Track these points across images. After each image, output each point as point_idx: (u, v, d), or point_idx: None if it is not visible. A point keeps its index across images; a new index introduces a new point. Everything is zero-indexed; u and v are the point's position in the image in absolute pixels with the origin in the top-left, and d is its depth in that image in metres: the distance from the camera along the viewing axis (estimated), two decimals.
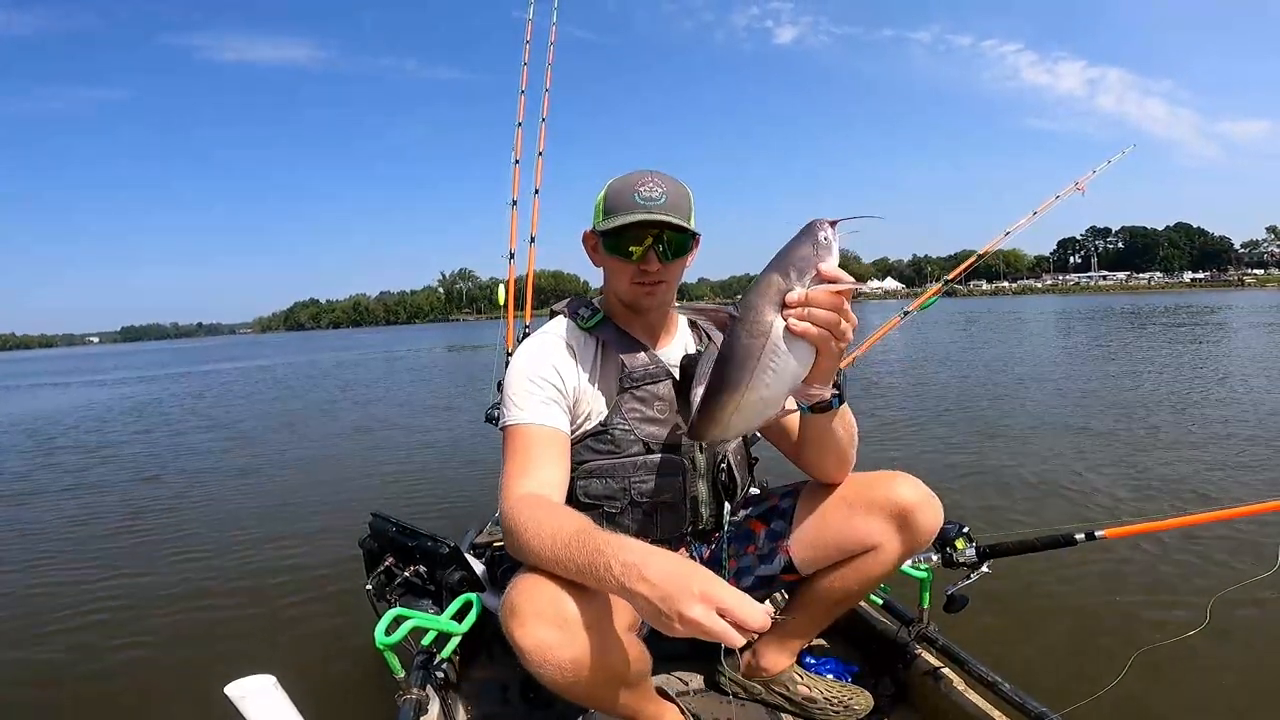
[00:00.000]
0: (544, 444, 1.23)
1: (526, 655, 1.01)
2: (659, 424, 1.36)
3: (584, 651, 1.01)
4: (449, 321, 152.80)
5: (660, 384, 1.37)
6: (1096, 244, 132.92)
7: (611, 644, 1.08)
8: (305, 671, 2.33)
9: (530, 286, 2.74)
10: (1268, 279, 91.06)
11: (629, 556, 0.92)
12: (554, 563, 1.01)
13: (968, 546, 1.63)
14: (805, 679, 1.52)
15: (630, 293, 1.34)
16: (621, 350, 1.36)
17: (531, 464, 1.21)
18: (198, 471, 6.35)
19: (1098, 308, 35.15)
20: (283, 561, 3.67)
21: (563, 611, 1.01)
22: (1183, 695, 2.02)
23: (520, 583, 1.06)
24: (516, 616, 1.02)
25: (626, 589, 0.91)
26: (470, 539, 2.30)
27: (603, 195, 1.32)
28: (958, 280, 3.10)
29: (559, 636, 1.00)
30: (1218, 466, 4.54)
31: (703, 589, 0.86)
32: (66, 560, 3.95)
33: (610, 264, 1.34)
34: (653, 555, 0.92)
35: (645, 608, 0.89)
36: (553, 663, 1.00)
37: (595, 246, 1.36)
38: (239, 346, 64.00)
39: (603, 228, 1.29)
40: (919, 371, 10.96)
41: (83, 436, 9.19)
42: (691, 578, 0.87)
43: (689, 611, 0.84)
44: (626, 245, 1.28)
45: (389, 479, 5.65)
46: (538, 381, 1.28)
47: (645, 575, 0.89)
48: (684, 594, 0.85)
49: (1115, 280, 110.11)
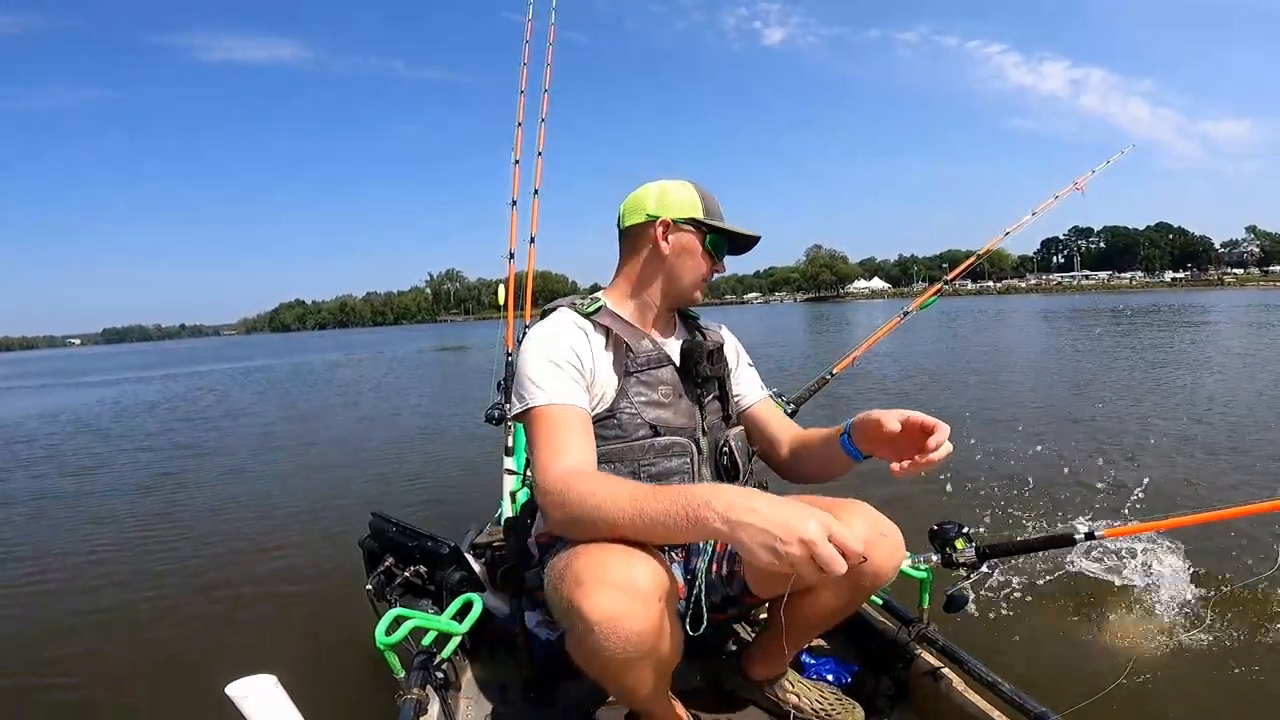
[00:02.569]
0: (573, 423, 1.22)
1: (595, 627, 0.97)
2: (664, 408, 1.36)
3: (654, 624, 1.00)
4: (437, 322, 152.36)
5: (664, 368, 1.38)
6: (1079, 244, 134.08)
7: (672, 621, 1.06)
8: (306, 671, 2.32)
9: (530, 286, 2.74)
10: (1247, 278, 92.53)
11: (726, 495, 0.94)
12: (637, 519, 1.00)
13: (967, 547, 1.63)
14: (796, 687, 1.50)
15: (696, 288, 1.43)
16: (627, 334, 1.37)
17: (565, 444, 1.18)
18: (197, 473, 6.32)
19: (1083, 307, 35.50)
20: (283, 562, 3.67)
21: (635, 581, 0.98)
22: (1183, 696, 2.03)
23: (580, 552, 1.03)
24: (584, 585, 0.98)
25: (733, 521, 0.91)
26: (470, 539, 2.29)
27: (695, 195, 1.40)
28: (942, 279, 3.13)
29: (632, 607, 0.97)
30: (1218, 466, 4.58)
31: (814, 514, 0.89)
32: (67, 561, 3.93)
33: (696, 259, 1.40)
34: (752, 491, 0.95)
35: (760, 538, 0.89)
36: (622, 634, 0.97)
37: (666, 235, 1.38)
38: (229, 348, 63.41)
39: (719, 225, 1.39)
40: (917, 368, 11.02)
41: (82, 438, 9.12)
42: (798, 505, 0.91)
43: (810, 534, 0.87)
44: (725, 248, 1.41)
45: (388, 479, 5.64)
46: (559, 363, 1.26)
47: (753, 507, 0.91)
48: (801, 518, 0.88)
49: (1098, 280, 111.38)
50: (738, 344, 1.60)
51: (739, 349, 1.60)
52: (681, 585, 1.40)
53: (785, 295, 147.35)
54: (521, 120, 2.94)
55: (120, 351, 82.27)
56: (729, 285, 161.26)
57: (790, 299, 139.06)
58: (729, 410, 1.48)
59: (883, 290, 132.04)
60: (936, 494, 3.96)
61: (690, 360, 1.38)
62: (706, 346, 1.41)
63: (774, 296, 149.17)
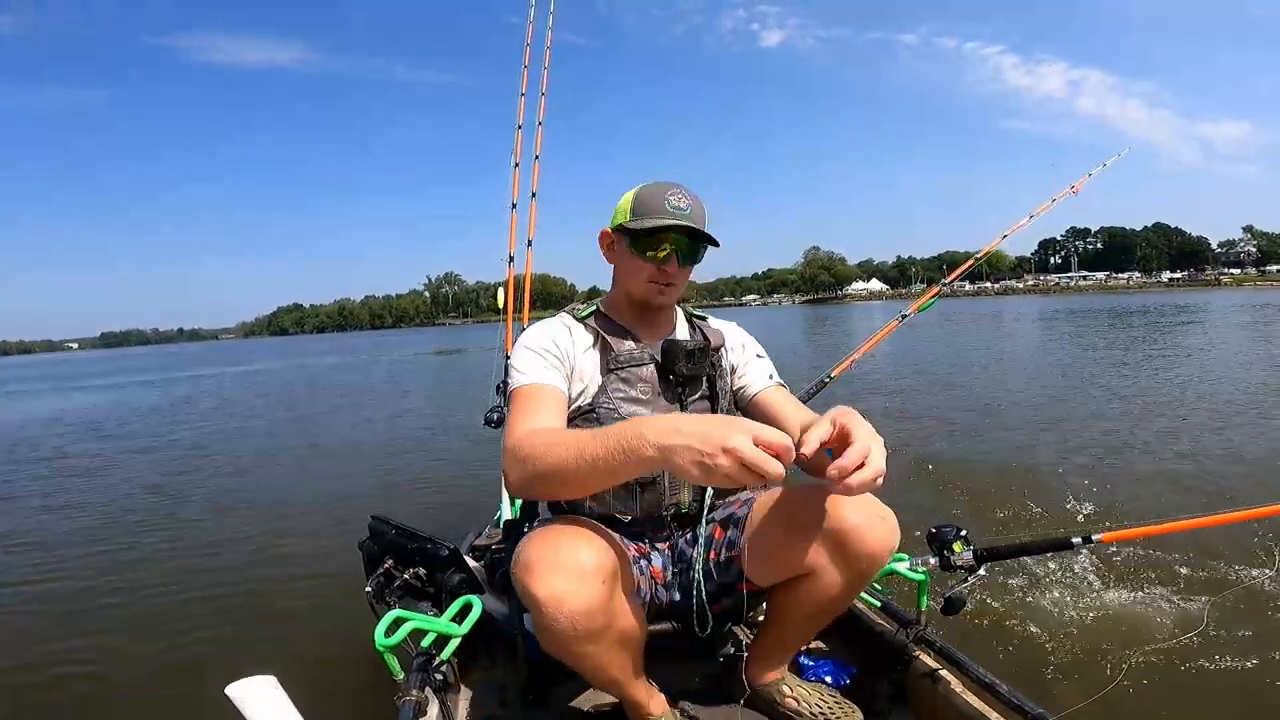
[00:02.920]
0: (545, 398, 1.30)
1: (541, 606, 1.05)
2: (642, 403, 1.41)
3: (596, 603, 1.06)
4: (435, 326, 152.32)
5: (644, 367, 1.43)
6: (1076, 244, 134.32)
7: (619, 601, 1.13)
8: (305, 672, 2.33)
9: (529, 289, 2.74)
10: (1244, 278, 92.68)
11: (657, 423, 0.98)
12: (579, 461, 1.03)
13: (965, 549, 1.63)
14: (795, 690, 1.49)
15: (646, 290, 1.42)
16: (611, 335, 1.44)
17: (534, 414, 1.26)
18: (196, 474, 6.35)
19: (1081, 308, 35.53)
20: (283, 564, 3.69)
21: (578, 562, 1.06)
22: (1182, 698, 2.03)
23: (532, 539, 1.10)
24: (532, 570, 1.06)
25: (666, 446, 0.95)
26: (469, 541, 2.29)
27: (632, 198, 1.40)
28: (941, 281, 3.13)
29: (573, 586, 1.05)
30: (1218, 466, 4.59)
31: (736, 423, 0.93)
32: (67, 562, 3.93)
33: (631, 262, 1.41)
34: (679, 415, 1.01)
35: (688, 455, 0.93)
36: (566, 614, 1.05)
37: (613, 244, 1.45)
38: (227, 351, 63.39)
39: (633, 226, 1.37)
40: (915, 369, 11.04)
41: (83, 441, 9.14)
42: (722, 418, 0.96)
43: (732, 441, 0.90)
44: (652, 247, 1.37)
45: (388, 482, 5.67)
46: (539, 351, 1.37)
47: (680, 428, 0.95)
48: (724, 428, 0.92)
49: (1095, 280, 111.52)
50: (745, 338, 1.62)
51: (745, 342, 1.61)
52: (659, 570, 1.45)
53: (783, 297, 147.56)
54: (521, 123, 2.95)
55: (119, 355, 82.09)
56: (728, 287, 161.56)
57: (788, 301, 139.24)
58: (717, 408, 1.50)
59: (881, 292, 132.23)
60: (935, 495, 3.97)
61: (668, 359, 1.42)
62: (685, 346, 1.42)
63: (772, 298, 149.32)
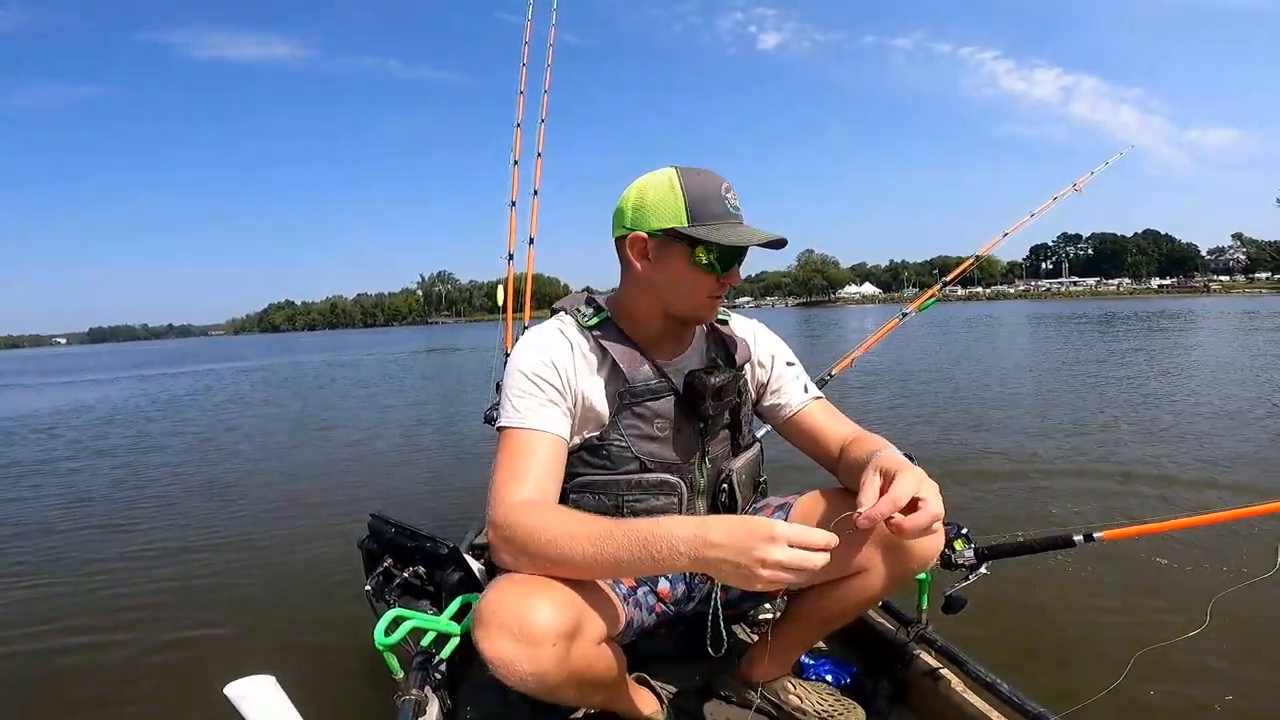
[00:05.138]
0: (540, 450, 1.15)
1: (491, 666, 1.00)
2: (658, 442, 1.28)
3: (548, 666, 0.99)
4: (428, 324, 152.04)
5: (662, 400, 1.28)
6: (1067, 250, 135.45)
7: (578, 656, 1.05)
8: (305, 672, 2.32)
9: (530, 288, 2.73)
10: (1233, 285, 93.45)
11: (686, 531, 0.95)
12: (588, 559, 0.99)
13: (966, 547, 1.63)
14: (798, 689, 1.49)
15: (702, 308, 1.25)
16: (624, 359, 1.25)
17: (526, 471, 1.13)
18: (195, 472, 6.27)
19: (1069, 313, 35.73)
20: (282, 562, 3.66)
21: (527, 625, 0.97)
22: (1183, 696, 2.03)
23: (490, 592, 1.03)
24: (482, 627, 1.00)
25: (700, 559, 0.93)
26: (469, 540, 2.28)
27: (681, 194, 1.16)
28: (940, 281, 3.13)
29: (524, 652, 0.98)
30: (1218, 466, 4.61)
31: (768, 531, 0.90)
32: (66, 561, 3.89)
33: (689, 275, 1.19)
34: (708, 521, 0.95)
35: (725, 569, 0.92)
36: (515, 675, 0.99)
37: (647, 251, 1.20)
38: (218, 347, 63.07)
39: (703, 236, 1.14)
40: (913, 370, 11.04)
41: (81, 437, 9.05)
42: (753, 526, 0.92)
43: (769, 555, 0.89)
44: (726, 262, 1.19)
45: (387, 481, 5.62)
46: (537, 381, 1.19)
47: (712, 540, 0.92)
48: (756, 541, 0.90)
49: (1085, 286, 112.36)
50: (774, 346, 1.47)
51: (775, 353, 1.46)
52: (666, 591, 1.41)
53: (777, 300, 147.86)
54: (520, 120, 2.93)
55: (108, 351, 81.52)
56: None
57: (782, 304, 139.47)
58: (740, 439, 1.41)
59: (874, 295, 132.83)
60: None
61: (692, 394, 1.27)
62: (711, 385, 1.26)
63: (765, 301, 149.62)
